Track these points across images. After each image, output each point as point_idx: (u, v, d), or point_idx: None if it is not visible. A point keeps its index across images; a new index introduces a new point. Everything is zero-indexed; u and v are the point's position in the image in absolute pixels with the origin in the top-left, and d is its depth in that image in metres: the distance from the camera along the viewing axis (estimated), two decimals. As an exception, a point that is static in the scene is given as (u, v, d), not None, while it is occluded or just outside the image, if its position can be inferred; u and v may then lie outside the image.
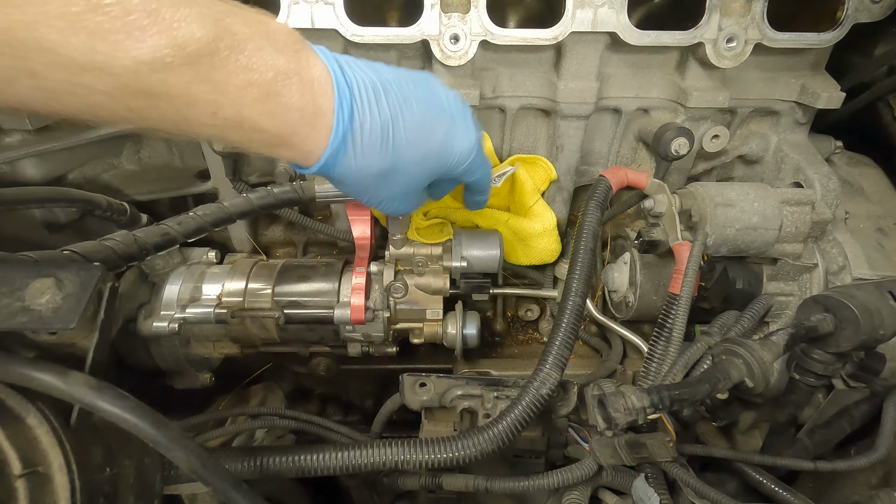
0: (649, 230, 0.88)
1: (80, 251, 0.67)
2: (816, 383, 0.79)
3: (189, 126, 0.44)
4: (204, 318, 0.90)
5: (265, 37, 0.45)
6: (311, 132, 0.50)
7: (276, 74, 0.46)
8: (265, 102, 0.46)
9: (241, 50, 0.43)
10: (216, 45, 0.41)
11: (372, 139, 0.53)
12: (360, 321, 0.88)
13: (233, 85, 0.43)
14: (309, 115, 0.49)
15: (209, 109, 0.43)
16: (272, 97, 0.46)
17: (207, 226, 0.83)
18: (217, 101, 0.43)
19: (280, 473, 0.65)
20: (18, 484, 0.45)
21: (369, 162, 0.54)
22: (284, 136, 0.49)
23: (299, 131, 0.49)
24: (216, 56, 0.41)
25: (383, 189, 0.59)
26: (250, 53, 0.44)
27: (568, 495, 0.76)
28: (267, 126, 0.47)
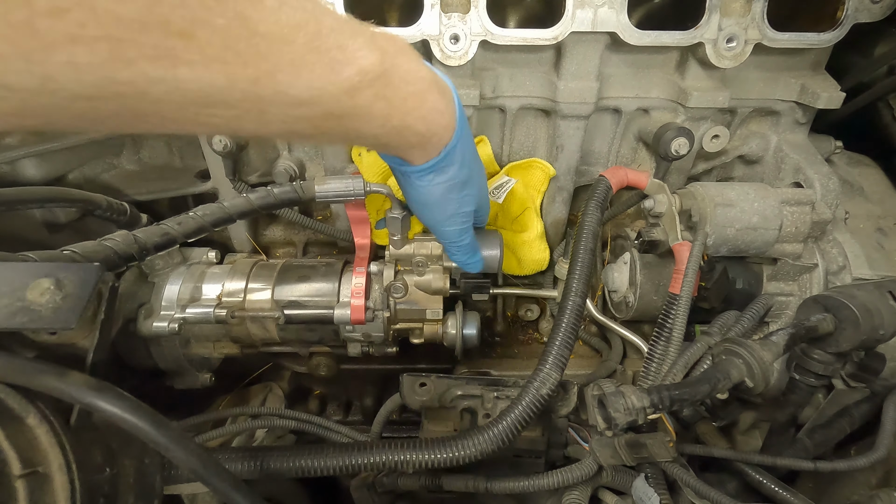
0: (649, 230, 0.88)
1: (80, 251, 0.67)
2: (816, 383, 0.79)
3: (360, 138, 0.51)
4: (204, 318, 0.90)
5: (404, 52, 0.51)
6: (445, 132, 0.57)
7: (424, 84, 0.52)
8: (420, 108, 0.52)
9: (398, 66, 0.49)
10: (384, 66, 0.46)
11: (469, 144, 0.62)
12: (360, 321, 0.88)
13: (399, 97, 0.49)
14: (447, 116, 0.57)
15: (382, 121, 0.49)
16: (424, 103, 0.53)
17: (207, 226, 0.83)
18: (389, 113, 0.49)
19: (280, 473, 0.65)
20: (18, 484, 0.45)
21: (466, 164, 0.62)
22: (429, 135, 0.56)
23: (438, 130, 0.56)
24: (385, 75, 0.47)
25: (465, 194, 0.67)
26: (404, 68, 0.49)
27: (568, 495, 0.76)
28: (420, 128, 0.54)
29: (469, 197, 0.68)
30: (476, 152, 0.68)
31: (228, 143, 0.88)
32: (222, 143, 0.88)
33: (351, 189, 0.82)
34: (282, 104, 0.40)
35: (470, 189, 0.67)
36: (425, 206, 0.68)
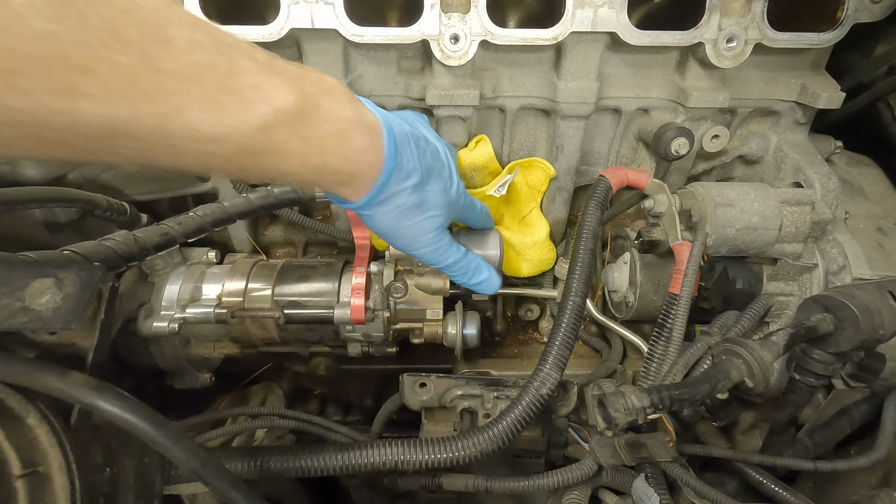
0: (649, 230, 0.88)
1: (80, 251, 0.67)
2: (816, 383, 0.79)
3: (281, 175, 0.51)
4: (204, 318, 0.90)
5: (329, 93, 0.52)
6: (371, 169, 0.58)
7: (346, 123, 0.53)
8: (341, 148, 0.53)
9: (318, 106, 0.50)
10: (302, 104, 0.48)
11: (410, 175, 0.62)
12: (360, 321, 0.88)
13: (317, 136, 0.50)
14: (371, 155, 0.57)
15: (299, 160, 0.50)
16: (345, 142, 0.53)
17: (207, 226, 0.83)
18: (306, 151, 0.50)
19: (280, 473, 0.65)
20: (18, 484, 0.45)
21: (405, 195, 0.62)
22: (353, 174, 0.57)
23: (363, 169, 0.57)
24: (303, 115, 0.48)
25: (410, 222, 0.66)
26: (325, 108, 0.51)
27: (568, 495, 0.76)
28: (342, 167, 0.55)
29: (431, 218, 0.67)
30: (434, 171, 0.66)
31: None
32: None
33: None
34: (192, 139, 0.41)
35: (429, 211, 0.66)
36: (384, 236, 0.68)
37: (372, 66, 0.89)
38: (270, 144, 0.46)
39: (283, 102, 0.46)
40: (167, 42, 0.37)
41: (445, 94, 0.86)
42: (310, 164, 0.51)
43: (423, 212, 0.66)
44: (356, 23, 0.79)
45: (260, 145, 0.46)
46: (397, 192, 0.61)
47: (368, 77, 0.90)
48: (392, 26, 0.81)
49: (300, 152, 0.50)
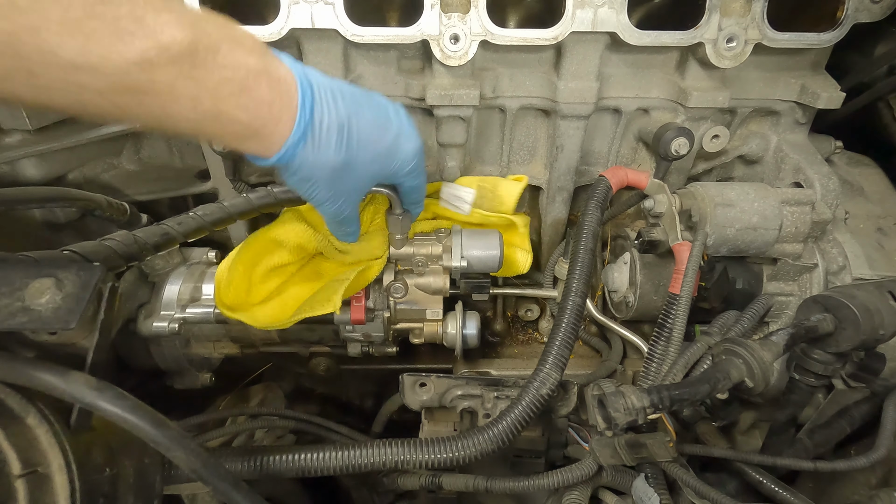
0: (649, 230, 0.88)
1: (80, 251, 0.67)
2: (816, 383, 0.79)
3: (171, 121, 0.48)
4: (204, 318, 0.90)
5: (234, 40, 0.50)
6: (278, 125, 0.55)
7: (248, 72, 0.50)
8: (239, 97, 0.50)
9: (217, 50, 0.48)
10: (195, 46, 0.45)
11: (330, 134, 0.58)
12: (360, 321, 0.88)
13: (211, 81, 0.48)
14: (276, 108, 0.54)
15: (190, 104, 0.47)
16: (245, 92, 0.51)
17: (207, 226, 0.83)
18: (198, 96, 0.47)
19: (280, 473, 0.65)
20: (18, 484, 0.45)
21: (326, 156, 0.59)
22: (256, 127, 0.53)
23: (268, 123, 0.54)
24: (196, 56, 0.46)
25: (334, 185, 0.63)
26: (225, 53, 0.48)
27: (568, 495, 0.76)
28: (241, 118, 0.52)
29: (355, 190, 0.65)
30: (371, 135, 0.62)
31: (228, 143, 0.88)
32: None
33: None
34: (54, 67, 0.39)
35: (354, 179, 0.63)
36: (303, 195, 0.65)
37: (372, 66, 0.89)
38: (153, 83, 0.43)
39: (170, 39, 0.43)
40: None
41: (445, 94, 0.86)
42: (203, 109, 0.48)
43: (354, 174, 0.63)
44: (356, 23, 0.79)
45: (140, 83, 0.43)
46: (314, 152, 0.58)
47: (368, 77, 0.90)
48: (392, 26, 0.81)
49: (191, 95, 0.47)
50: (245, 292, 0.86)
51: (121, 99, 0.44)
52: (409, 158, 0.67)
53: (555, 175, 0.99)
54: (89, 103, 0.43)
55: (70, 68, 0.39)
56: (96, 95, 0.42)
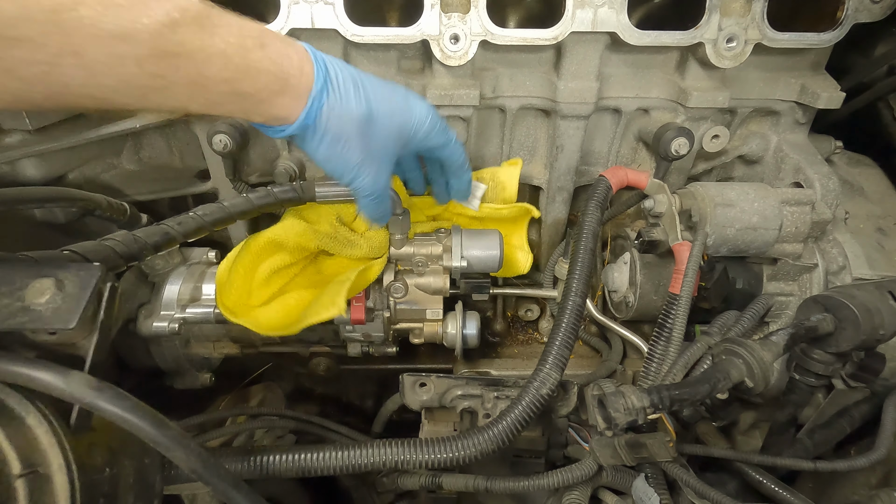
0: (649, 230, 0.88)
1: (80, 251, 0.67)
2: (816, 383, 0.79)
3: (209, 85, 0.50)
4: (204, 318, 0.90)
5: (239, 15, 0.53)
6: (302, 75, 0.57)
7: (259, 29, 0.53)
8: (262, 49, 0.53)
9: (222, 15, 0.50)
10: (209, 8, 0.48)
11: (347, 85, 0.61)
12: (360, 321, 0.88)
13: (233, 36, 0.50)
14: (296, 59, 0.56)
15: (221, 62, 0.49)
16: (265, 46, 0.53)
17: (207, 226, 0.83)
18: (226, 51, 0.49)
19: (280, 473, 0.65)
20: (18, 484, 0.45)
21: (349, 105, 0.61)
22: (285, 77, 0.56)
23: (293, 73, 0.56)
24: (212, 16, 0.48)
25: (364, 142, 0.64)
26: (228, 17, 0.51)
27: (568, 495, 0.76)
28: (270, 68, 0.54)
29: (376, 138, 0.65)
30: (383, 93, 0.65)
31: (228, 142, 0.88)
32: (222, 143, 0.88)
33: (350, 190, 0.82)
34: (96, 40, 0.40)
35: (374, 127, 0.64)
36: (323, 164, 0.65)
37: (372, 66, 0.89)
38: (183, 44, 0.45)
39: (184, 5, 0.45)
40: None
41: (445, 94, 0.86)
42: (234, 65, 0.50)
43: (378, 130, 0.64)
44: (356, 23, 0.79)
45: (171, 45, 0.44)
46: (339, 102, 0.60)
47: None
48: (392, 26, 0.81)
49: (220, 52, 0.48)
50: (246, 295, 0.86)
51: (159, 65, 0.45)
52: (423, 114, 0.69)
53: (555, 175, 0.99)
54: (132, 79, 0.44)
55: (108, 39, 0.40)
56: (136, 67, 0.43)
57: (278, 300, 0.88)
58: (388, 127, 0.66)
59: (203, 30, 0.47)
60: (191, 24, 0.45)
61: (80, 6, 0.38)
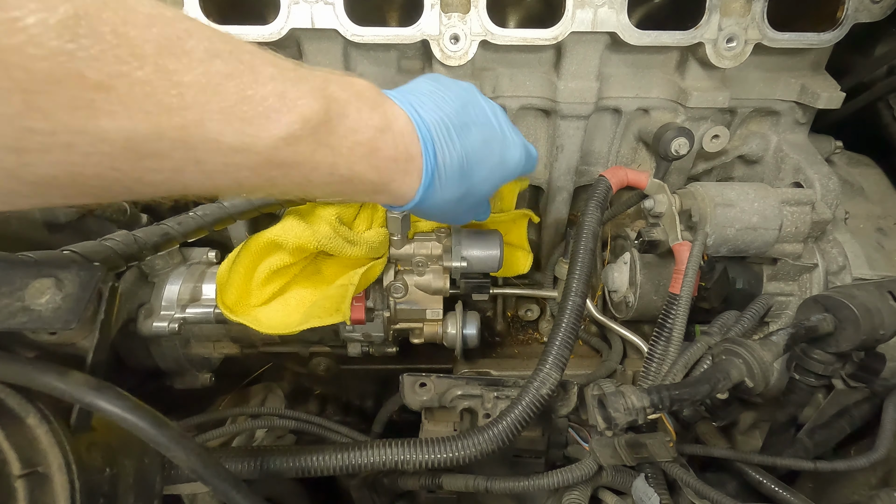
0: (649, 230, 0.88)
1: (80, 251, 0.67)
2: (816, 383, 0.79)
3: (311, 187, 0.50)
4: (204, 318, 0.90)
5: (359, 98, 0.51)
6: (406, 177, 0.56)
7: (374, 131, 0.52)
8: (370, 158, 0.52)
9: (346, 115, 0.49)
10: (328, 114, 0.47)
11: (452, 172, 0.60)
12: (360, 321, 0.88)
13: (345, 147, 0.49)
14: (402, 162, 0.55)
15: (328, 171, 0.49)
16: (374, 152, 0.52)
17: (207, 226, 0.83)
18: (334, 162, 0.49)
19: (280, 473, 0.65)
20: (18, 484, 0.45)
21: (451, 191, 0.61)
22: (385, 183, 0.55)
23: (395, 177, 0.55)
24: (330, 123, 0.47)
25: (460, 208, 0.66)
26: (353, 116, 0.50)
27: (568, 495, 0.76)
28: (372, 178, 0.53)
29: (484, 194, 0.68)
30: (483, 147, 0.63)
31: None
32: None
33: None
34: (216, 152, 0.41)
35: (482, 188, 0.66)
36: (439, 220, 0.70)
37: (372, 67, 0.89)
38: (297, 155, 0.46)
39: (309, 111, 0.45)
40: (184, 54, 0.37)
41: (445, 94, 0.86)
42: (339, 174, 0.50)
43: (475, 192, 0.65)
44: (356, 23, 0.79)
45: (287, 156, 0.45)
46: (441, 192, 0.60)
47: (368, 77, 0.88)
48: (392, 26, 0.81)
49: (328, 163, 0.49)
50: (246, 294, 0.86)
51: (270, 173, 0.45)
52: (518, 164, 0.69)
53: (555, 175, 0.99)
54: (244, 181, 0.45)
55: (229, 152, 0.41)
56: (250, 173, 0.44)
57: (278, 299, 0.88)
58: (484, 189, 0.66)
59: (318, 140, 0.47)
60: (308, 137, 0.45)
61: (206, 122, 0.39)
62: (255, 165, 0.44)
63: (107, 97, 0.33)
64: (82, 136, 0.34)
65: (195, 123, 0.38)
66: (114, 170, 0.37)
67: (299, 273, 0.91)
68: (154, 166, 0.39)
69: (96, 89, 0.33)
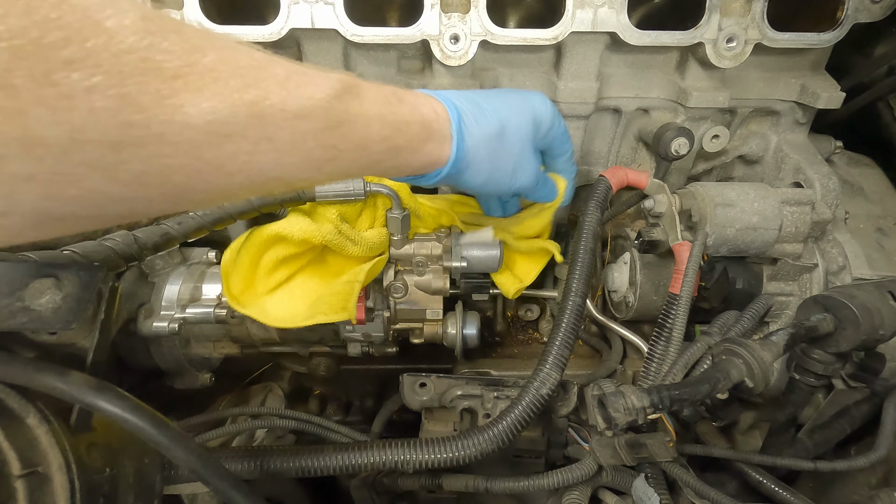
0: (649, 230, 0.88)
1: (80, 251, 0.67)
2: (816, 383, 0.79)
3: (370, 144, 0.54)
4: (204, 318, 0.90)
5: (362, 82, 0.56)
6: (439, 119, 0.62)
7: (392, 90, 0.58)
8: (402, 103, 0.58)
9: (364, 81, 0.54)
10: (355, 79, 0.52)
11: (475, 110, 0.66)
12: (360, 321, 0.88)
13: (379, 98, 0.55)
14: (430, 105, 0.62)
15: (379, 122, 0.54)
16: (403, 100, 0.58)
17: (207, 226, 0.83)
18: (380, 112, 0.54)
19: (280, 473, 0.65)
20: (18, 484, 0.45)
21: (486, 126, 0.66)
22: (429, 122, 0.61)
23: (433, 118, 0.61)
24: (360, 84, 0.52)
25: (506, 150, 0.69)
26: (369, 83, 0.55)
27: (568, 495, 0.76)
28: (415, 118, 0.59)
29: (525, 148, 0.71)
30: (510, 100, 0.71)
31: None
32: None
33: (351, 189, 0.82)
34: (283, 123, 0.44)
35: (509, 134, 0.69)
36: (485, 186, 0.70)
37: (372, 67, 0.89)
38: (348, 111, 0.50)
39: (336, 76, 0.50)
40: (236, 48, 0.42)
41: (445, 94, 0.86)
42: (389, 122, 0.55)
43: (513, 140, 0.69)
44: (356, 23, 0.79)
45: (340, 114, 0.49)
46: (475, 130, 0.65)
47: (368, 77, 0.88)
48: (392, 26, 0.81)
49: (376, 114, 0.53)
50: (252, 283, 0.86)
51: (331, 136, 0.49)
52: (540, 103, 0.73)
53: (555, 175, 0.99)
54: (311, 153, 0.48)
55: (294, 119, 0.45)
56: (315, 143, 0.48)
57: (284, 289, 0.88)
58: (521, 126, 0.71)
59: (359, 98, 0.51)
60: (349, 93, 0.50)
61: (270, 94, 0.42)
62: (318, 130, 0.47)
63: (185, 84, 0.37)
64: (171, 125, 0.36)
65: (262, 97, 0.42)
66: (197, 159, 0.40)
67: (305, 265, 0.91)
68: (234, 149, 0.41)
69: (174, 78, 0.36)
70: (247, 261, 0.84)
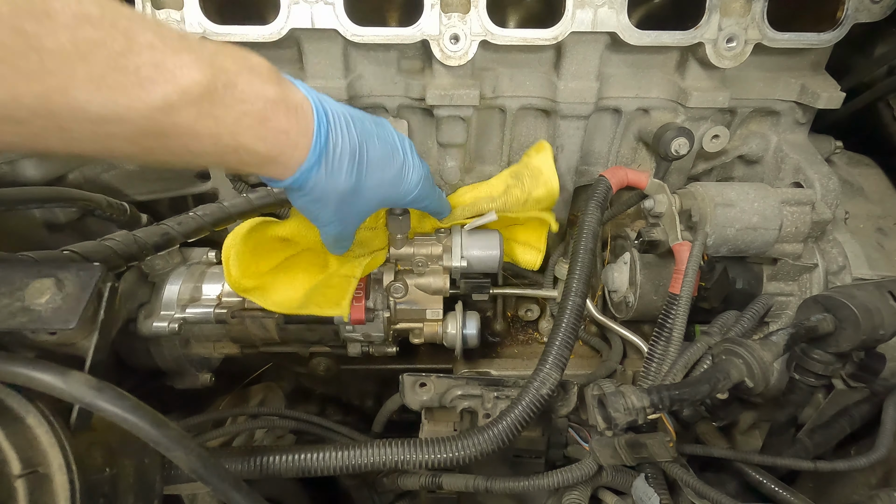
0: (649, 230, 0.88)
1: (80, 251, 0.67)
2: (816, 383, 0.79)
3: (193, 157, 0.49)
4: (204, 318, 0.90)
5: (251, 71, 0.50)
6: (295, 151, 0.55)
7: (265, 102, 0.51)
8: (258, 128, 0.51)
9: (234, 85, 0.48)
10: (214, 84, 0.46)
11: (342, 160, 0.59)
12: (360, 321, 0.88)
13: (230, 117, 0.48)
14: (293, 135, 0.54)
15: (210, 141, 0.48)
16: (263, 122, 0.51)
17: (207, 226, 0.83)
18: (218, 133, 0.48)
19: (280, 473, 0.65)
20: (18, 484, 0.45)
21: (338, 181, 0.60)
22: (273, 155, 0.54)
23: (285, 151, 0.55)
24: (215, 94, 0.46)
25: (340, 209, 0.65)
26: (242, 87, 0.49)
27: (568, 495, 0.76)
28: (259, 149, 0.52)
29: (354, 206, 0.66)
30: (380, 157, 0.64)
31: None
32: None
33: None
34: (83, 121, 0.40)
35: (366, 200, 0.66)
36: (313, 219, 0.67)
37: (372, 66, 0.89)
38: (175, 126, 0.44)
39: (189, 81, 0.43)
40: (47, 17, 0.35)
41: (445, 94, 0.86)
42: (223, 144, 0.49)
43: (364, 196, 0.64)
44: (356, 23, 0.79)
45: (163, 126, 0.43)
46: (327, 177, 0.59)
47: (368, 77, 0.90)
48: (392, 26, 0.81)
49: (211, 133, 0.47)
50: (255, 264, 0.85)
51: (146, 143, 0.44)
52: (412, 188, 0.69)
53: (555, 175, 0.99)
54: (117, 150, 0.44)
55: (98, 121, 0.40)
56: (124, 142, 0.43)
57: (287, 274, 0.88)
58: (370, 198, 0.66)
59: (199, 111, 0.45)
60: (187, 107, 0.44)
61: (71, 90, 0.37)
62: (129, 135, 0.42)
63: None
64: None
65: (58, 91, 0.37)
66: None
67: (304, 251, 0.91)
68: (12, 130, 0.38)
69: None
70: (251, 244, 0.84)
